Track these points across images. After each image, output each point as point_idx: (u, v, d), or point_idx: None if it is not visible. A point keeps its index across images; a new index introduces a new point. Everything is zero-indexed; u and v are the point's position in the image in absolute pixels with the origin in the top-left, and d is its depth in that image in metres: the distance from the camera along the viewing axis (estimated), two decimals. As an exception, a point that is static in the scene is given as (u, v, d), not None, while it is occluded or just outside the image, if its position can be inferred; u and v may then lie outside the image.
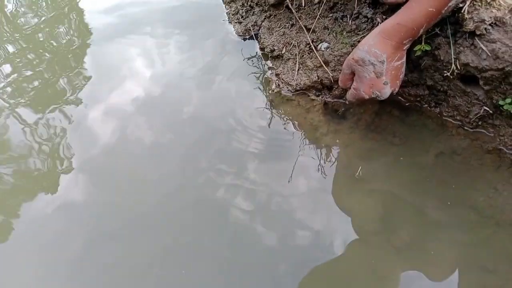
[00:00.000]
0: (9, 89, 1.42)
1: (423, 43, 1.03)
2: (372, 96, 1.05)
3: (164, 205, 1.08)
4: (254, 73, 1.40)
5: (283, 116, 1.25)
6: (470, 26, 0.95)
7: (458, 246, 0.94)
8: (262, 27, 1.46)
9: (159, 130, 1.26)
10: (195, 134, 1.23)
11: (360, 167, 1.08)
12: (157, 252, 0.99)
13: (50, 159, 1.21)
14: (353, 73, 1.07)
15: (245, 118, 1.26)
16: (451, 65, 1.01)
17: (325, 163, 1.13)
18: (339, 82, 1.14)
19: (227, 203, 1.06)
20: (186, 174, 1.14)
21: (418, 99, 1.18)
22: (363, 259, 0.96)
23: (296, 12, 1.31)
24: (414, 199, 1.03)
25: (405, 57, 1.03)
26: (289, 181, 1.09)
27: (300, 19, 1.30)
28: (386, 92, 1.04)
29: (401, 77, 1.05)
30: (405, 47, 1.00)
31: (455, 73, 1.03)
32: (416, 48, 1.03)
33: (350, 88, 1.11)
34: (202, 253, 0.99)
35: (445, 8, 0.91)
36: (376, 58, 0.99)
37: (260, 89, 1.34)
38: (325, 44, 1.22)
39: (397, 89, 1.07)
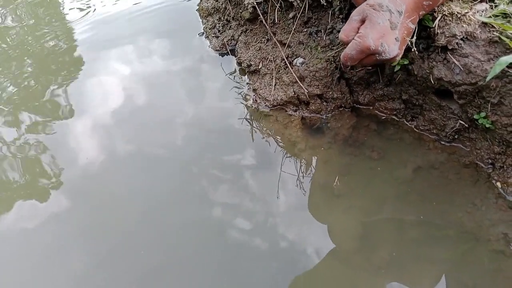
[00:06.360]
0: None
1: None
2: (379, 48, 0.91)
3: (153, 219, 1.06)
4: (232, 88, 1.38)
5: (261, 132, 1.23)
6: (442, 40, 0.94)
7: (438, 263, 0.93)
8: (239, 42, 1.44)
9: (140, 142, 1.25)
10: (173, 150, 1.21)
11: (337, 177, 1.07)
12: (146, 269, 0.96)
13: (32, 173, 1.18)
14: (361, 22, 0.94)
15: (222, 135, 1.24)
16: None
17: (304, 179, 1.11)
18: (340, 34, 0.97)
19: (210, 222, 1.04)
20: (172, 189, 1.13)
21: (394, 112, 1.17)
22: (343, 279, 0.94)
23: (271, 27, 1.29)
24: (393, 215, 1.02)
25: (416, 26, 0.95)
26: (277, 197, 1.07)
27: (275, 34, 1.29)
28: (393, 49, 0.92)
29: (406, 44, 0.97)
30: (421, 12, 0.93)
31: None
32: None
33: (352, 40, 0.95)
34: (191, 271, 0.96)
35: None
36: (395, 6, 0.90)
37: (237, 105, 1.32)
38: (300, 60, 1.20)
39: (400, 56, 0.96)
